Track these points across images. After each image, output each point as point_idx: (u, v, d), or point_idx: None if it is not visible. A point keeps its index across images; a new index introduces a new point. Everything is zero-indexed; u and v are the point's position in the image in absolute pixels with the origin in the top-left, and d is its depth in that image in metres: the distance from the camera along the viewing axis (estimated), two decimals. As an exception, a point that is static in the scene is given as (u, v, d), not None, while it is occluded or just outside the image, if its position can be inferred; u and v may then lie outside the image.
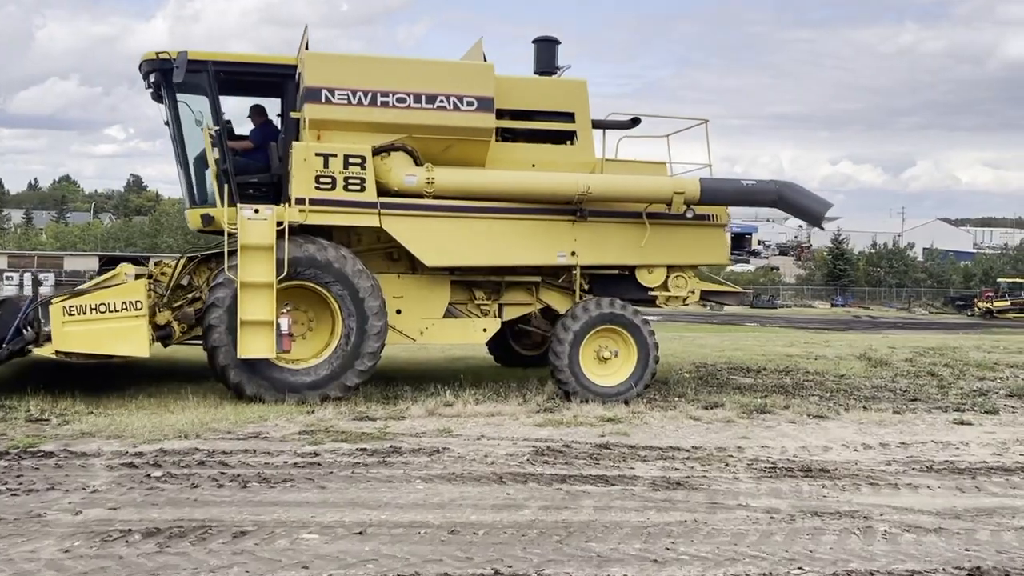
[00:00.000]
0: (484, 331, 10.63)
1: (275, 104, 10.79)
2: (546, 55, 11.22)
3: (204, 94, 10.04)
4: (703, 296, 11.45)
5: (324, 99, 9.53)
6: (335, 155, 9.57)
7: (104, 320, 8.74)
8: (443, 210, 9.92)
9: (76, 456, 6.54)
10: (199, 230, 10.45)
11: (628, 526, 5.23)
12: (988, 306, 48.57)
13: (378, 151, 9.73)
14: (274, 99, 10.77)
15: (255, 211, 9.27)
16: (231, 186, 9.69)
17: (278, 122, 10.71)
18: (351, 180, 9.61)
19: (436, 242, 9.92)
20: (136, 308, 8.82)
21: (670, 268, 10.91)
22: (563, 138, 10.70)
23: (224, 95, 10.15)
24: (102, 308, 8.75)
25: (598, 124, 11.01)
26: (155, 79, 10.13)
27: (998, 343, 21.92)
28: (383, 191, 9.74)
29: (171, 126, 10.38)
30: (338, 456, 6.73)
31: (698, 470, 6.74)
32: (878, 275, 66.62)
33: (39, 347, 8.98)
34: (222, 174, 9.78)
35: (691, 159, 11.54)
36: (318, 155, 9.53)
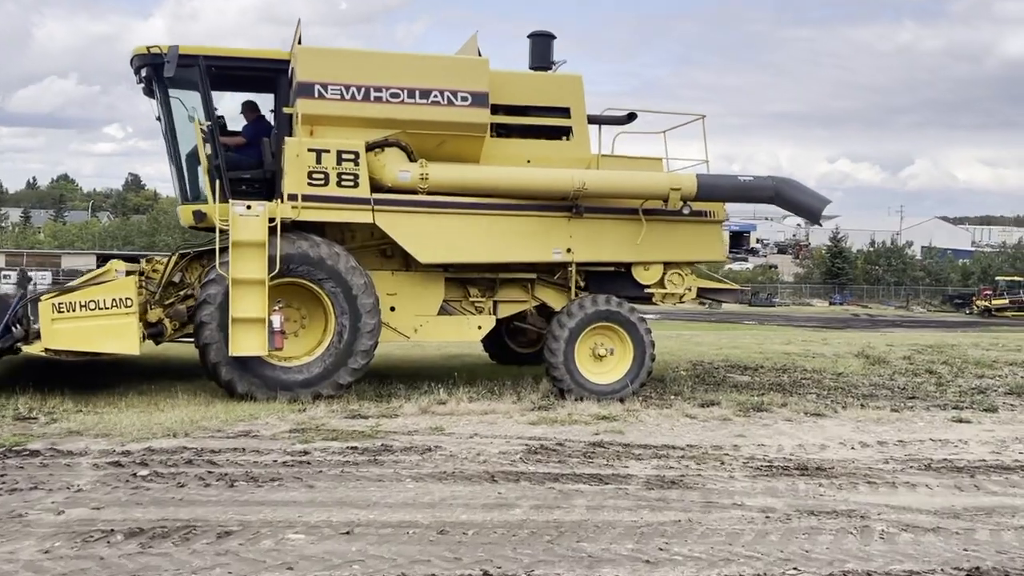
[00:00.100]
0: (479, 328, 10.54)
1: (268, 100, 10.70)
2: (541, 50, 11.11)
3: (196, 89, 9.94)
4: (700, 293, 11.36)
5: (317, 94, 9.43)
6: (328, 151, 9.47)
7: (94, 317, 8.64)
8: (437, 206, 9.83)
9: (62, 455, 6.44)
10: (191, 226, 10.35)
11: (621, 526, 5.14)
12: (986, 304, 48.56)
13: (371, 147, 9.63)
14: (267, 94, 10.68)
15: (247, 207, 9.18)
16: (223, 182, 9.60)
17: (271, 118, 10.62)
18: (344, 176, 9.52)
19: (430, 239, 9.83)
20: (126, 305, 8.72)
21: (667, 265, 10.81)
22: (559, 134, 10.61)
23: (216, 90, 10.07)
24: (92, 305, 8.65)
25: (594, 120, 10.93)
26: (146, 74, 10.05)
27: (996, 341, 21.84)
28: (376, 187, 9.65)
29: (162, 121, 10.29)
30: (328, 455, 6.63)
31: (693, 469, 6.65)
32: (876, 273, 66.60)
33: (28, 345, 8.89)
34: (214, 170, 9.69)
35: (688, 156, 11.44)
36: (311, 151, 9.43)
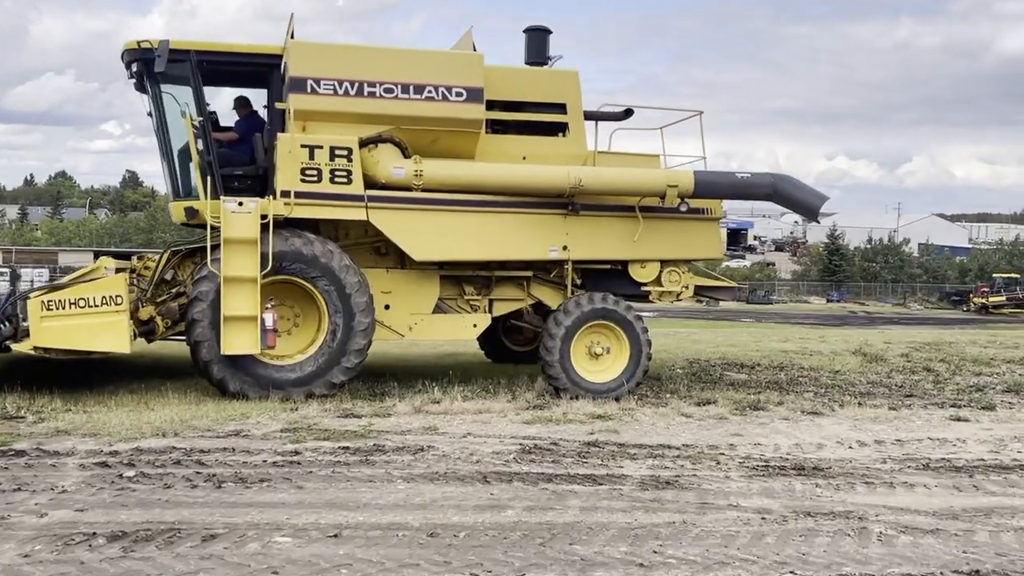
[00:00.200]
0: (474, 327, 10.46)
1: (262, 95, 10.59)
2: (537, 45, 11.01)
3: (187, 84, 9.84)
4: (697, 291, 11.29)
5: (310, 89, 9.34)
6: (321, 147, 9.38)
7: (84, 315, 8.53)
8: (432, 203, 9.73)
9: (48, 455, 6.34)
10: (183, 223, 10.25)
11: (614, 528, 5.05)
12: (983, 301, 48.54)
13: (365, 143, 9.54)
14: (260, 90, 10.57)
15: (239, 204, 9.08)
16: (215, 178, 9.50)
17: (264, 113, 10.51)
18: (337, 172, 9.42)
19: (425, 236, 9.74)
20: (116, 303, 8.61)
21: (663, 263, 10.73)
22: (554, 130, 10.51)
23: (208, 86, 9.96)
24: (81, 303, 8.55)
25: (590, 116, 10.82)
26: (137, 69, 9.94)
27: (994, 338, 21.79)
28: (370, 184, 9.56)
29: (154, 117, 10.18)
30: (319, 455, 6.54)
31: (688, 469, 6.56)
32: (874, 270, 66.58)
33: (17, 343, 8.78)
34: (206, 166, 9.59)
35: (685, 152, 11.32)
36: (303, 147, 9.34)
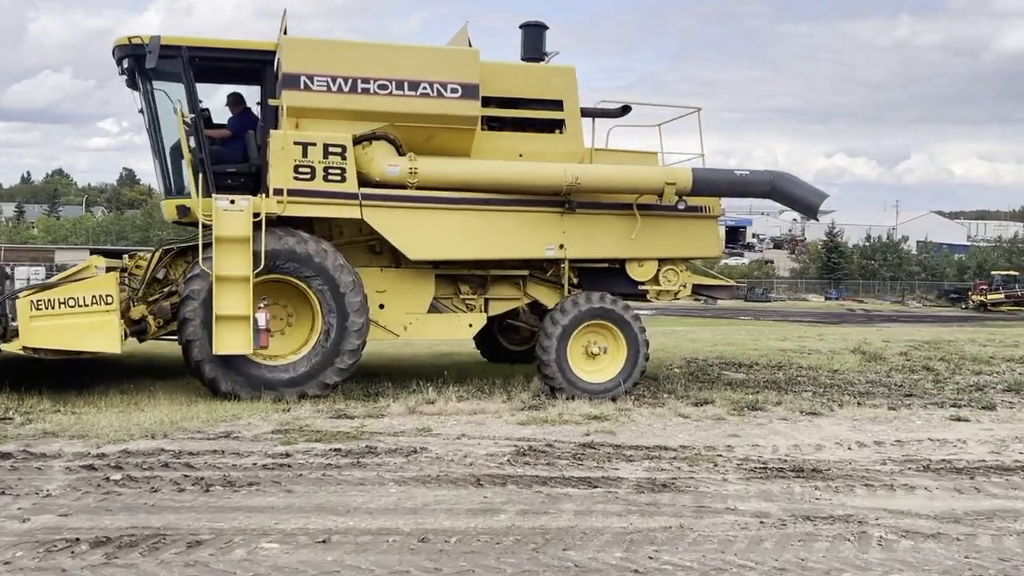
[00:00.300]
0: (470, 326, 10.36)
1: (255, 93, 10.48)
2: (534, 41, 10.92)
3: (179, 81, 9.72)
4: (695, 290, 11.19)
5: (303, 86, 9.23)
6: (314, 144, 9.27)
7: (73, 315, 8.44)
8: (427, 201, 9.63)
9: (34, 457, 6.24)
10: (175, 221, 10.15)
11: (609, 532, 4.95)
12: (982, 299, 48.49)
13: (359, 140, 9.44)
14: (253, 86, 10.47)
15: (231, 202, 8.97)
16: (207, 176, 9.39)
17: (258, 110, 10.40)
18: (331, 170, 9.32)
19: (420, 235, 9.63)
20: (107, 302, 8.51)
21: (661, 261, 10.63)
22: (551, 127, 10.41)
23: (201, 82, 9.84)
24: (71, 302, 8.45)
25: (587, 112, 10.72)
26: (128, 65, 9.81)
27: (993, 336, 21.71)
28: (364, 181, 9.45)
29: (145, 114, 10.07)
30: (310, 457, 6.43)
31: (685, 471, 6.46)
32: (872, 268, 66.52)
33: (6, 343, 8.67)
34: (198, 163, 9.47)
35: (683, 149, 11.24)
36: (297, 144, 9.23)
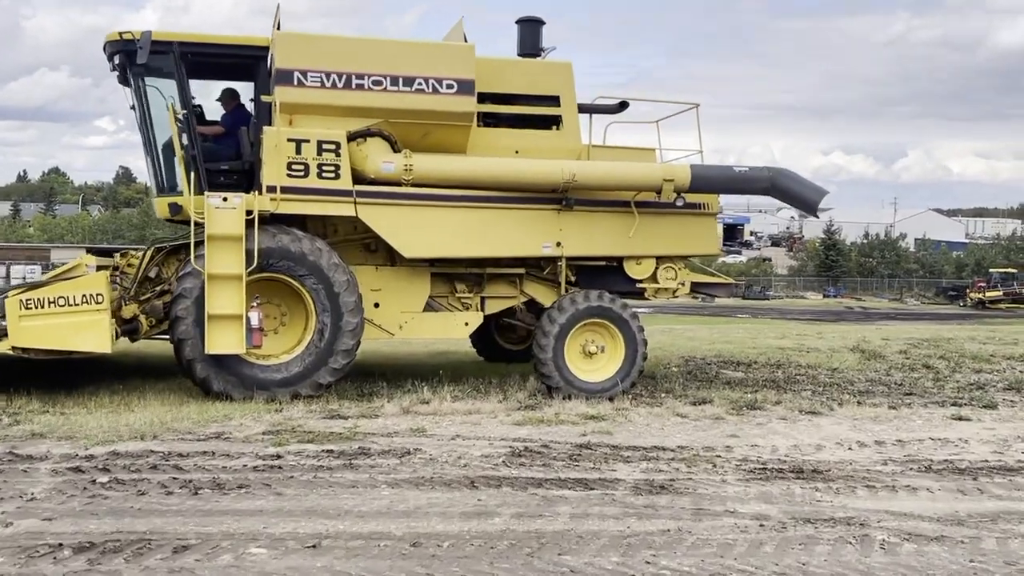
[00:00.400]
0: (466, 325, 10.25)
1: (249, 89, 10.35)
2: (530, 36, 10.79)
3: (171, 77, 9.60)
4: (693, 288, 11.08)
5: (296, 82, 9.11)
6: (308, 141, 9.15)
7: (63, 314, 8.32)
8: (422, 199, 9.52)
9: (20, 460, 6.12)
10: (167, 219, 10.04)
11: (606, 536, 4.84)
12: (980, 296, 48.43)
13: (353, 136, 9.33)
14: (247, 83, 10.33)
15: (223, 199, 8.85)
16: (199, 173, 9.27)
17: (251, 107, 10.28)
18: (325, 167, 9.20)
19: (415, 232, 9.52)
20: (97, 301, 8.39)
21: (659, 259, 10.52)
22: (548, 123, 10.29)
23: (193, 79, 9.72)
24: (61, 301, 8.33)
25: (584, 108, 10.61)
26: (119, 61, 9.70)
27: (993, 334, 21.62)
28: (359, 179, 9.34)
29: (137, 111, 9.95)
30: (302, 459, 6.31)
31: (683, 472, 6.35)
32: (870, 266, 66.47)
33: (-5, 342, 8.55)
34: (190, 160, 9.36)
35: (682, 146, 11.12)
36: (290, 141, 9.11)
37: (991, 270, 54.60)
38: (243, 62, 9.90)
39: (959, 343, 17.87)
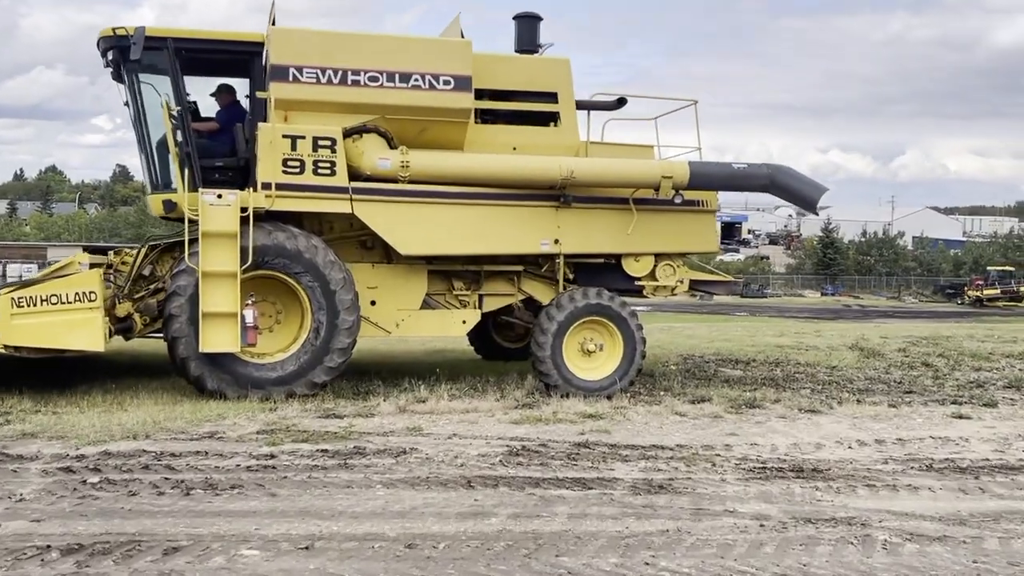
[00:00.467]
0: (463, 323, 10.17)
1: (245, 86, 10.26)
2: (528, 32, 10.70)
3: (165, 73, 9.52)
4: (692, 285, 11.01)
5: (291, 78, 9.02)
6: (303, 137, 9.07)
7: (56, 312, 8.24)
8: (419, 195, 9.44)
9: (10, 460, 6.03)
10: (161, 217, 9.95)
11: (604, 536, 4.77)
12: (978, 294, 48.51)
13: (349, 133, 9.24)
14: (242, 79, 10.25)
15: (218, 196, 8.77)
16: (193, 170, 9.19)
17: (247, 103, 10.19)
18: (320, 164, 9.12)
19: (412, 229, 9.44)
20: (90, 299, 8.32)
21: (658, 256, 10.45)
22: (546, 120, 10.21)
23: (188, 75, 9.63)
24: (53, 299, 8.25)
25: (582, 105, 10.53)
26: (113, 57, 9.61)
27: (992, 332, 21.59)
28: (355, 175, 9.26)
29: (131, 107, 9.86)
30: (296, 458, 6.23)
31: (682, 471, 6.29)
32: (868, 264, 66.49)
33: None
34: (184, 157, 9.27)
35: (680, 143, 11.04)
36: (285, 137, 9.03)
37: (989, 268, 54.66)
38: (238, 58, 9.81)
39: (958, 341, 17.83)
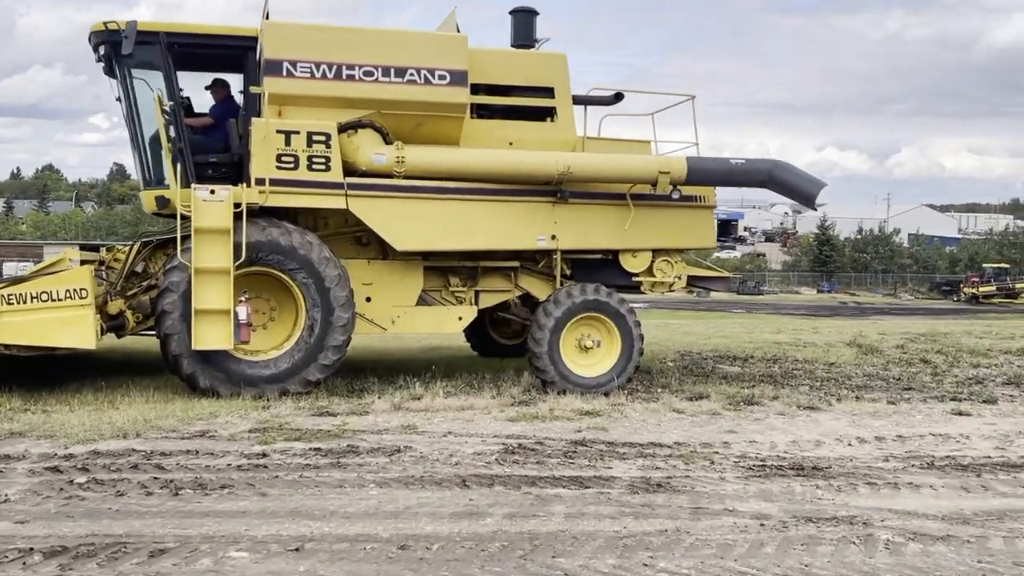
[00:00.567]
0: (460, 319, 10.08)
1: (239, 81, 10.15)
2: (524, 27, 10.61)
3: (158, 68, 9.39)
4: (690, 281, 10.93)
5: (285, 72, 8.92)
6: (298, 132, 8.97)
7: (46, 309, 8.14)
8: (415, 191, 9.34)
9: (-3, 459, 5.93)
10: (154, 213, 9.84)
11: (602, 537, 4.67)
12: (974, 291, 48.48)
13: (344, 128, 9.14)
14: (236, 74, 10.13)
15: (210, 192, 8.66)
16: (186, 166, 9.07)
17: (241, 99, 10.07)
18: (315, 159, 9.02)
19: (407, 225, 9.34)
20: (81, 296, 8.21)
21: (655, 252, 10.37)
22: (542, 115, 10.12)
23: (180, 70, 9.51)
24: (44, 297, 8.14)
25: (579, 100, 10.43)
26: (105, 52, 9.48)
27: (989, 328, 21.54)
28: (350, 171, 9.16)
29: (123, 102, 9.74)
30: (288, 457, 6.13)
31: (681, 469, 6.20)
32: (864, 261, 66.44)
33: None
34: (177, 153, 9.16)
35: (677, 139, 10.91)
36: (279, 132, 8.93)
37: (984, 265, 54.65)
38: (231, 53, 9.70)
39: (955, 338, 17.77)
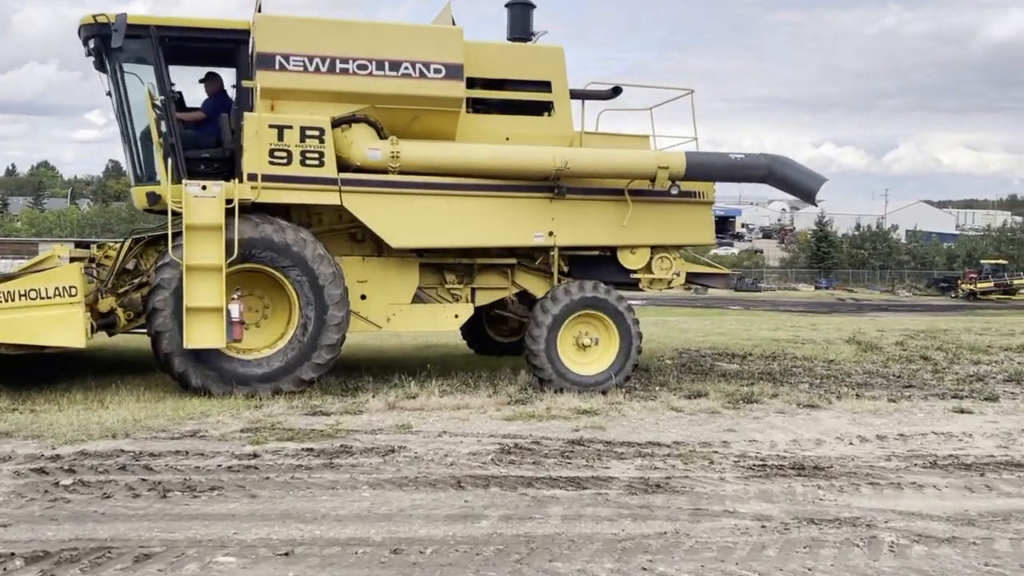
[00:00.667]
0: (456, 317, 9.96)
1: (231, 75, 10.01)
2: (520, 20, 10.49)
3: (148, 62, 9.26)
4: (689, 278, 10.84)
5: (278, 66, 8.78)
6: (291, 127, 8.83)
7: (35, 308, 8.00)
8: (410, 187, 9.21)
9: (-18, 460, 5.81)
10: (145, 209, 9.71)
11: (599, 539, 4.56)
12: (972, 287, 48.48)
13: (338, 123, 9.01)
14: (228, 68, 10.00)
15: (202, 188, 8.53)
16: (177, 161, 8.94)
17: (234, 93, 9.94)
18: (308, 154, 8.88)
19: (402, 221, 9.22)
20: (70, 294, 8.07)
21: (654, 249, 10.26)
22: (539, 109, 10.00)
23: (172, 64, 9.38)
24: (32, 294, 8.01)
25: (577, 94, 10.31)
26: (95, 45, 9.35)
27: (988, 325, 21.46)
28: (344, 166, 9.03)
29: (113, 97, 9.60)
30: (279, 458, 6.01)
31: (680, 469, 6.09)
32: (862, 257, 66.39)
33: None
34: (168, 148, 9.03)
35: (676, 134, 10.82)
36: (272, 127, 8.79)
37: (982, 261, 54.62)
38: (223, 47, 9.56)
39: (955, 334, 17.69)
